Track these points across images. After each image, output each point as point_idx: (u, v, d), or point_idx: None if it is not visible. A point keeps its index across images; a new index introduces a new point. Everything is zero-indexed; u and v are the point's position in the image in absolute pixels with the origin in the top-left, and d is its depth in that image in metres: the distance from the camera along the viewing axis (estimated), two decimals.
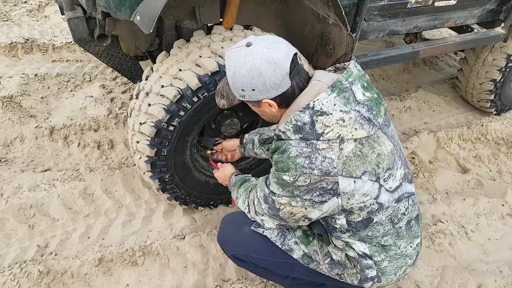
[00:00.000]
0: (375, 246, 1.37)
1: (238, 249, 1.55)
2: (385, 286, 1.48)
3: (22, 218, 2.11)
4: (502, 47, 2.88)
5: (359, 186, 1.21)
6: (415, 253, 1.45)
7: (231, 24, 1.88)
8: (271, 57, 1.17)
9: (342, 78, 1.22)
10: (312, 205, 1.23)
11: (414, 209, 1.41)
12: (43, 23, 4.07)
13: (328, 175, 1.17)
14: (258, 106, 1.32)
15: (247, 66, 1.18)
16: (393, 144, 1.31)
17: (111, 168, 2.45)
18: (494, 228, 2.30)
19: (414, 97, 3.43)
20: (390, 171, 1.27)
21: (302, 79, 1.26)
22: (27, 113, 2.78)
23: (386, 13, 2.21)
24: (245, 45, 1.21)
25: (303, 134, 1.19)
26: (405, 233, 1.38)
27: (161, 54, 1.84)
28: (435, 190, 2.57)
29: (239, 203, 1.55)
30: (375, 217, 1.29)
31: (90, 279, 1.86)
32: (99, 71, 3.35)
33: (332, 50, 2.07)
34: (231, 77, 1.24)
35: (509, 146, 2.97)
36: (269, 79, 1.18)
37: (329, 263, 1.43)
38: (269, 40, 1.21)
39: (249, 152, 1.87)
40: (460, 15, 2.54)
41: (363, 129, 1.20)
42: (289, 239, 1.46)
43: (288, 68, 1.19)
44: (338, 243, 1.41)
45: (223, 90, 1.37)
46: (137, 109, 1.77)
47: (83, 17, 1.71)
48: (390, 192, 1.28)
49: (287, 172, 1.20)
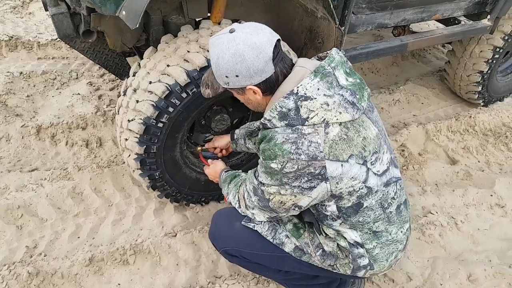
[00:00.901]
0: (367, 233, 1.37)
1: (230, 245, 1.54)
2: (378, 273, 1.49)
3: (10, 219, 2.07)
4: (489, 39, 2.91)
5: (347, 169, 1.21)
6: (405, 238, 1.46)
7: (219, 18, 1.86)
8: (254, 42, 1.17)
9: (325, 64, 1.23)
10: (301, 192, 1.23)
11: (402, 194, 1.42)
12: (28, 20, 3.99)
13: (315, 160, 1.18)
14: (243, 93, 1.31)
15: (230, 52, 1.18)
16: (378, 129, 1.32)
17: (100, 166, 2.42)
18: (483, 219, 2.33)
19: (403, 90, 3.45)
20: (377, 154, 1.28)
21: (285, 66, 1.26)
22: (13, 112, 2.73)
23: (374, 6, 2.21)
24: (228, 31, 1.21)
25: (288, 120, 1.20)
26: (395, 218, 1.39)
27: (148, 50, 1.81)
28: (425, 182, 2.59)
29: (230, 198, 1.55)
30: (365, 201, 1.29)
31: (80, 280, 1.84)
32: (86, 68, 3.30)
33: (321, 44, 2.06)
34: (215, 63, 1.24)
35: (496, 137, 3.00)
36: (252, 65, 1.18)
37: (321, 255, 1.43)
38: (252, 27, 1.22)
39: (241, 147, 1.87)
40: (447, 7, 2.55)
41: (348, 113, 1.20)
42: (280, 233, 1.46)
43: (271, 54, 1.19)
44: (330, 231, 1.41)
45: (207, 80, 1.37)
46: (125, 106, 1.74)
47: (67, 13, 1.66)
48: (378, 176, 1.29)
49: (275, 160, 1.20)
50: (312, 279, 1.63)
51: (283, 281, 1.71)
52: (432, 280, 1.96)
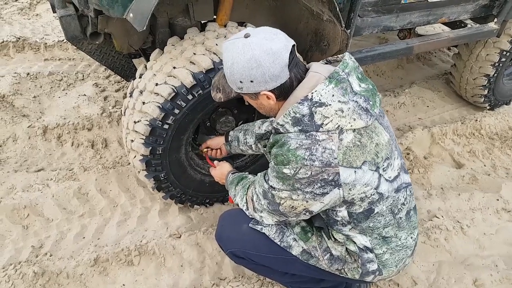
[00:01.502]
0: (376, 238, 1.37)
1: (237, 247, 1.54)
2: (386, 278, 1.49)
3: (16, 219, 2.08)
4: (495, 42, 2.89)
5: (360, 176, 1.21)
6: (414, 243, 1.46)
7: (225, 21, 1.87)
8: (270, 48, 1.16)
9: (339, 69, 1.22)
10: (313, 197, 1.23)
11: (412, 200, 1.42)
12: (35, 21, 4.02)
13: (329, 166, 1.17)
14: (256, 98, 1.30)
15: (246, 57, 1.16)
16: (389, 135, 1.32)
17: (106, 167, 2.43)
18: (489, 223, 2.32)
19: (408, 93, 3.43)
20: (389, 160, 1.28)
21: (300, 71, 1.25)
22: (20, 113, 2.75)
23: (380, 9, 2.21)
24: (243, 36, 1.20)
25: (302, 126, 1.19)
26: (405, 223, 1.39)
27: (155, 52, 1.82)
28: (430, 186, 2.58)
29: (237, 200, 1.54)
30: (376, 207, 1.29)
31: (85, 280, 1.85)
32: (92, 69, 3.32)
33: (327, 47, 2.06)
34: (229, 68, 1.22)
35: (503, 141, 2.98)
36: (268, 70, 1.17)
37: (329, 259, 1.43)
38: (268, 31, 1.20)
39: (235, 149, 1.86)
40: (454, 10, 2.54)
41: (361, 119, 1.20)
42: (288, 236, 1.45)
43: (287, 59, 1.18)
44: (339, 236, 1.41)
45: (218, 84, 1.35)
46: (131, 108, 1.75)
47: (75, 15, 1.68)
48: (389, 182, 1.29)
49: (288, 165, 1.20)
50: (319, 282, 1.63)
51: (288, 284, 1.70)
52: (437, 285, 1.95)
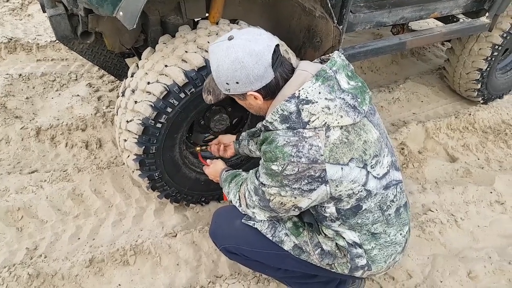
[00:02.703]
0: (365, 234, 1.38)
1: (230, 242, 1.55)
2: (375, 274, 1.49)
3: (10, 221, 2.07)
4: (487, 37, 2.91)
5: (347, 173, 1.22)
6: (404, 240, 1.46)
7: (217, 18, 1.86)
8: (253, 49, 1.17)
9: (326, 67, 1.24)
10: (301, 194, 1.24)
11: (402, 196, 1.42)
12: (27, 22, 3.99)
13: (316, 163, 1.19)
14: (244, 99, 1.32)
15: (230, 59, 1.19)
16: (379, 132, 1.32)
17: (100, 167, 2.42)
18: (483, 216, 2.33)
19: (402, 88, 3.45)
20: (377, 158, 1.29)
21: (285, 70, 1.27)
22: (12, 114, 2.73)
23: (372, 5, 2.21)
24: (227, 38, 1.22)
25: (290, 123, 1.20)
26: (394, 220, 1.39)
27: (147, 50, 1.81)
28: (425, 180, 2.59)
29: (231, 197, 1.55)
30: (364, 204, 1.30)
31: (81, 281, 1.84)
32: (85, 69, 3.30)
33: (320, 43, 2.06)
34: (215, 71, 1.24)
35: (496, 134, 3.00)
36: (252, 71, 1.19)
37: (320, 254, 1.44)
38: (251, 33, 1.22)
39: (244, 148, 1.87)
40: (446, 5, 2.55)
41: (349, 117, 1.21)
42: (280, 231, 1.46)
43: (270, 59, 1.20)
44: (329, 232, 1.42)
45: (209, 86, 1.38)
46: (124, 107, 1.74)
47: (65, 14, 1.67)
48: (377, 179, 1.30)
49: (275, 162, 1.21)
50: (312, 278, 1.64)
51: (282, 279, 1.71)
52: (432, 278, 1.96)
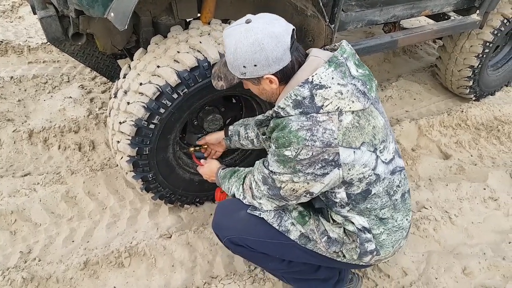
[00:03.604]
0: (374, 219, 1.40)
1: (234, 233, 1.53)
2: (382, 259, 1.51)
3: (3, 225, 2.05)
4: (479, 34, 2.93)
5: (359, 156, 1.25)
6: (409, 225, 1.51)
7: (209, 18, 1.86)
8: (273, 31, 1.19)
9: (338, 54, 1.27)
10: (314, 178, 1.25)
11: (406, 183, 1.46)
12: (17, 24, 3.96)
13: (330, 146, 1.21)
14: (258, 83, 1.33)
15: (249, 41, 1.19)
16: (384, 119, 1.36)
17: (93, 169, 2.41)
18: (476, 212, 2.35)
19: (395, 86, 3.46)
20: (385, 143, 1.33)
21: (300, 54, 1.29)
22: (4, 117, 2.71)
23: (364, 3, 2.22)
24: (244, 22, 1.23)
25: (303, 108, 1.22)
26: (401, 205, 1.43)
27: (138, 51, 1.81)
28: (419, 177, 2.61)
29: (233, 191, 1.55)
30: (373, 188, 1.33)
31: (76, 283, 1.83)
32: (77, 71, 3.28)
33: (312, 42, 2.06)
34: (233, 53, 1.24)
35: (488, 131, 3.02)
36: (271, 53, 1.20)
37: (326, 241, 1.44)
38: (268, 17, 1.24)
39: (235, 143, 1.86)
40: (437, 3, 2.56)
41: (359, 102, 1.24)
42: (286, 220, 1.46)
43: (289, 42, 1.22)
44: (338, 218, 1.44)
45: (220, 72, 1.38)
46: (116, 108, 1.73)
47: (55, 15, 1.65)
48: (385, 164, 1.33)
49: (289, 147, 1.22)
50: (311, 273, 1.64)
51: (283, 274, 1.69)
52: (427, 274, 1.97)
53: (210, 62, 1.64)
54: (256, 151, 2.13)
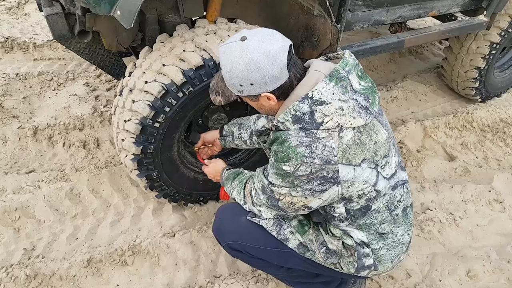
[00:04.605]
0: (373, 234, 1.37)
1: (234, 239, 1.53)
2: (380, 274, 1.49)
3: (7, 221, 2.06)
4: (485, 35, 2.91)
5: (359, 173, 1.22)
6: (409, 239, 1.47)
7: (215, 17, 1.85)
8: (268, 50, 1.15)
9: (339, 67, 1.22)
10: (312, 194, 1.24)
11: (408, 196, 1.43)
12: (24, 21, 3.97)
13: (329, 164, 1.18)
14: (256, 100, 1.30)
15: (245, 61, 1.16)
16: (388, 133, 1.33)
17: (98, 167, 2.41)
18: (481, 214, 2.33)
19: (400, 87, 3.44)
20: (387, 158, 1.29)
21: (299, 70, 1.25)
22: (9, 114, 2.72)
23: (371, 3, 2.21)
24: (239, 39, 1.19)
25: (303, 124, 1.19)
26: (401, 220, 1.40)
27: (144, 49, 1.80)
28: (423, 179, 2.59)
29: (234, 195, 1.54)
30: (373, 204, 1.30)
31: (79, 281, 1.83)
32: (82, 68, 3.29)
33: (318, 42, 2.06)
34: (228, 72, 1.21)
35: (494, 133, 3.00)
36: (267, 72, 1.17)
37: (325, 252, 1.43)
38: (264, 33, 1.20)
39: (230, 143, 1.85)
40: (444, 3, 2.54)
41: (361, 118, 1.21)
42: (285, 229, 1.45)
43: (285, 60, 1.18)
44: (336, 231, 1.42)
45: (217, 87, 1.34)
46: (121, 106, 1.73)
47: (62, 13, 1.65)
48: (387, 179, 1.30)
49: (288, 162, 1.20)
50: (313, 277, 1.63)
51: (284, 278, 1.70)
52: (431, 277, 1.96)
53: (216, 61, 1.64)
54: (261, 150, 2.13)
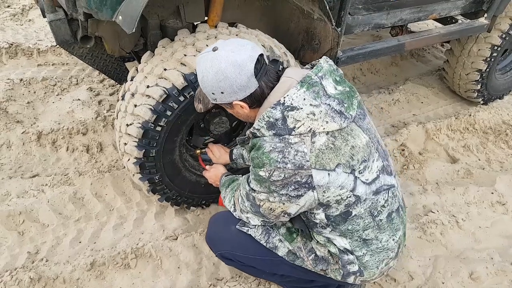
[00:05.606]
0: (356, 240, 1.37)
1: (225, 248, 1.56)
2: (368, 280, 1.48)
3: (12, 225, 2.08)
4: (487, 37, 2.91)
5: (334, 178, 1.22)
6: (397, 245, 1.45)
7: (216, 21, 1.87)
8: (235, 60, 1.19)
9: (312, 73, 1.25)
10: (289, 199, 1.25)
11: (395, 201, 1.40)
12: (28, 27, 4.02)
13: (302, 169, 1.20)
14: (231, 107, 1.35)
15: (214, 70, 1.21)
16: (369, 137, 1.31)
17: (101, 171, 2.43)
18: (484, 216, 2.33)
19: (402, 90, 3.45)
20: (366, 163, 1.28)
21: (270, 79, 1.28)
22: (14, 119, 2.75)
23: (371, 7, 2.22)
24: (211, 49, 1.24)
25: (276, 130, 1.22)
26: (386, 226, 1.38)
27: (146, 54, 1.82)
28: (426, 181, 2.59)
29: (226, 202, 1.56)
30: (353, 210, 1.30)
31: (82, 284, 1.84)
32: (86, 74, 3.32)
33: (318, 45, 2.07)
34: (201, 81, 1.27)
35: (496, 135, 3.00)
36: (235, 81, 1.21)
37: (313, 259, 1.44)
38: (235, 43, 1.24)
39: (242, 165, 1.88)
40: (444, 6, 2.55)
41: (335, 122, 1.21)
42: (274, 237, 1.47)
43: (252, 70, 1.21)
44: (320, 239, 1.42)
45: (199, 95, 1.43)
46: (124, 111, 1.75)
47: (64, 19, 1.67)
48: (366, 184, 1.29)
49: (263, 168, 1.23)
50: (309, 282, 1.63)
51: (280, 283, 1.71)
52: (434, 279, 1.96)
53: None
54: None
